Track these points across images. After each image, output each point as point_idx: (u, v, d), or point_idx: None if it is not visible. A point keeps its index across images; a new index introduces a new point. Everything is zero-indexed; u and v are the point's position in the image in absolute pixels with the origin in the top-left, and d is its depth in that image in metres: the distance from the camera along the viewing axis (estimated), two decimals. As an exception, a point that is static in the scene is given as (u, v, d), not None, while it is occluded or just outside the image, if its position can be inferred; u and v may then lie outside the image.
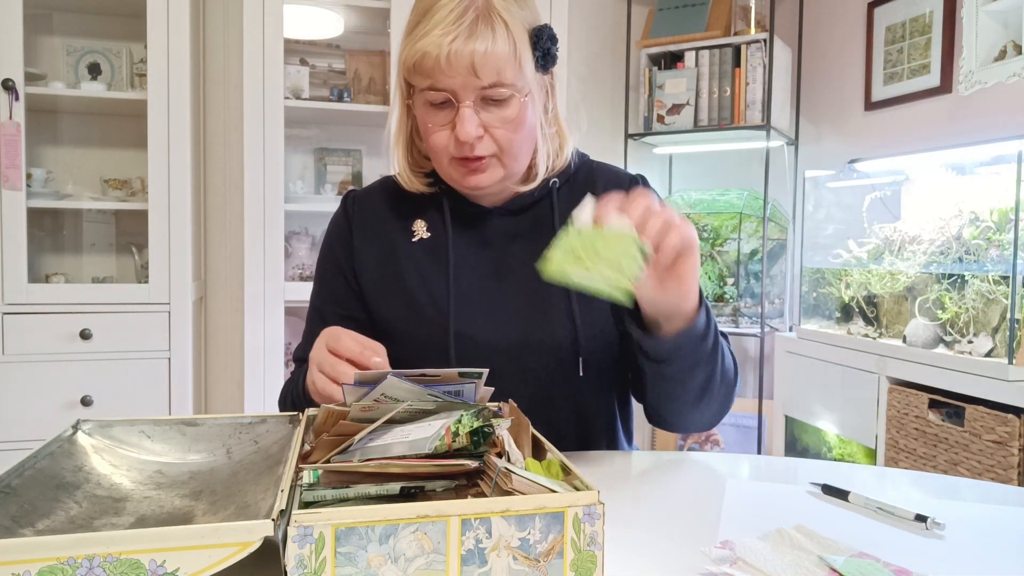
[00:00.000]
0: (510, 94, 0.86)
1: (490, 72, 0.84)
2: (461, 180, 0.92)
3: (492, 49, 0.83)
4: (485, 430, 0.58)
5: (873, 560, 0.61)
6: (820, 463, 0.93)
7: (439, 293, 0.95)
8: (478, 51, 0.82)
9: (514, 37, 0.85)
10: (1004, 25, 2.08)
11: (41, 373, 2.16)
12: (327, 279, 1.03)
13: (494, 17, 0.84)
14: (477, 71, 0.83)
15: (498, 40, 0.84)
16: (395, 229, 1.01)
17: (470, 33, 0.83)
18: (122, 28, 2.42)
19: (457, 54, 0.82)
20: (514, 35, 0.85)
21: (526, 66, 0.87)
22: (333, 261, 1.03)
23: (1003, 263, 1.78)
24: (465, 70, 0.83)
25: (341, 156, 2.66)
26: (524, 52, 0.86)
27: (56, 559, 0.43)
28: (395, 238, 1.00)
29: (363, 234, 1.01)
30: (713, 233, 2.75)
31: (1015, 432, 1.65)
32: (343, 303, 1.01)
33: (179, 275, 2.25)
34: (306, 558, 0.46)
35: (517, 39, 0.85)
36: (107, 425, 0.68)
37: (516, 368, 0.93)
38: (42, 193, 2.27)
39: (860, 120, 2.63)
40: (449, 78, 0.84)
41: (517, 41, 0.85)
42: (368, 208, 1.03)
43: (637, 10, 2.94)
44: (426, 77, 0.85)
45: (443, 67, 0.83)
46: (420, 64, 0.84)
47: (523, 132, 0.90)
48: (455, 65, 0.83)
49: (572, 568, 0.50)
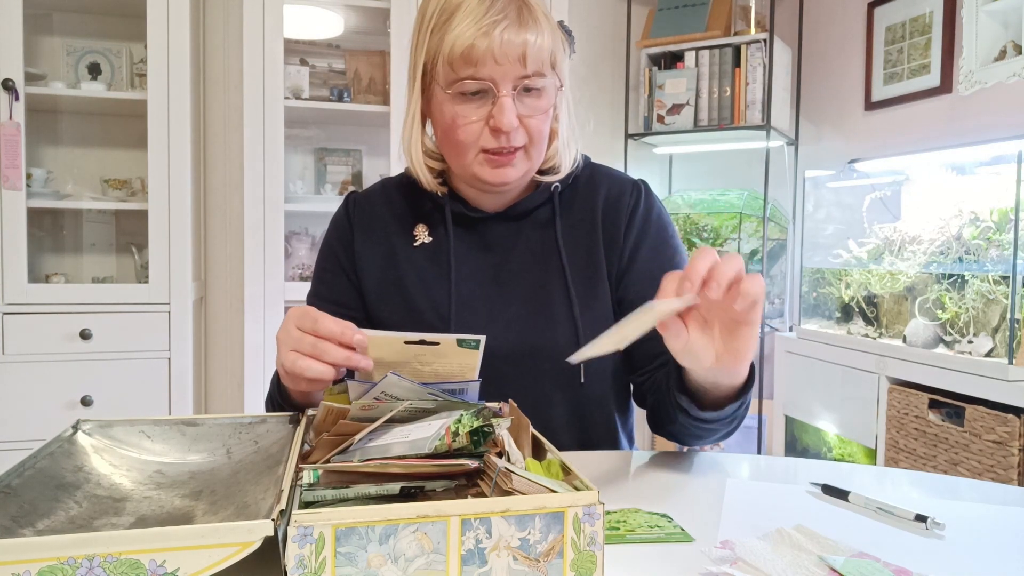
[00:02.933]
0: (547, 84, 0.87)
1: (536, 62, 0.84)
2: (489, 176, 0.90)
3: (541, 40, 0.84)
4: (485, 430, 0.58)
5: (873, 560, 0.61)
6: (820, 463, 0.93)
7: (440, 298, 0.95)
8: (530, 41, 0.83)
9: (553, 31, 0.86)
10: (1004, 25, 2.08)
11: (41, 373, 2.16)
12: (326, 278, 1.03)
13: (533, 7, 0.85)
14: (526, 60, 0.83)
15: (544, 31, 0.85)
16: (396, 233, 1.00)
17: (520, 23, 0.83)
18: (122, 28, 2.42)
19: (510, 43, 0.82)
20: (553, 29, 0.87)
21: (561, 60, 0.88)
22: (334, 260, 1.02)
23: (1003, 263, 1.78)
24: (515, 59, 0.83)
25: (341, 156, 2.66)
26: (558, 47, 0.88)
27: (56, 559, 0.43)
28: (396, 242, 0.99)
29: (365, 237, 1.01)
30: (713, 233, 2.75)
31: (1015, 432, 1.65)
32: (343, 302, 1.00)
33: (179, 275, 2.25)
34: (306, 558, 0.46)
35: (556, 34, 0.87)
36: (107, 425, 0.68)
37: (517, 374, 0.93)
38: (42, 193, 2.27)
39: (860, 120, 2.63)
40: (496, 67, 0.83)
41: (556, 36, 0.87)
42: (370, 211, 1.02)
43: (637, 10, 2.94)
44: (470, 66, 0.84)
45: (495, 55, 0.83)
46: (469, 52, 0.83)
47: (548, 123, 0.90)
48: (508, 54, 0.83)
49: (572, 568, 0.50)
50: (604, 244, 0.97)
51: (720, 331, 0.70)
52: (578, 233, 0.98)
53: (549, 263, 0.97)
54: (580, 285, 0.96)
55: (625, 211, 0.99)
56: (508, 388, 0.78)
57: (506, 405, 0.68)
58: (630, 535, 0.66)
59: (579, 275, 0.96)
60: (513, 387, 0.85)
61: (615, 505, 0.73)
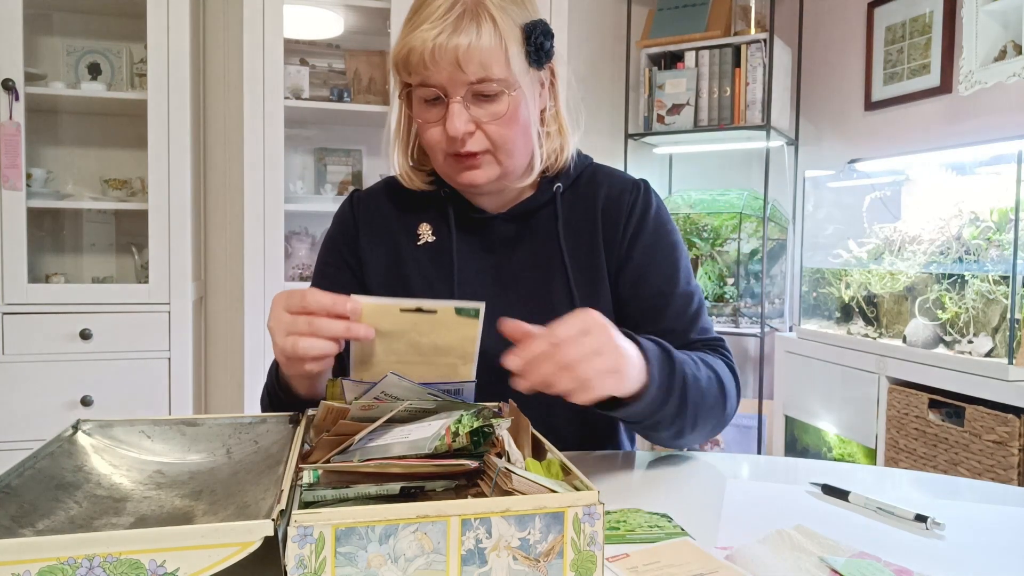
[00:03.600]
0: (499, 90, 0.86)
1: (475, 67, 0.83)
2: (456, 177, 0.91)
3: (476, 43, 0.83)
4: (485, 430, 0.58)
5: (873, 560, 0.61)
6: (820, 463, 0.93)
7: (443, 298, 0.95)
8: (461, 45, 0.82)
9: (501, 32, 0.84)
10: (1004, 25, 2.08)
11: (41, 373, 2.16)
12: (329, 273, 1.02)
13: (482, 13, 0.84)
14: (462, 65, 0.83)
15: (483, 35, 0.83)
16: (400, 231, 1.00)
17: (455, 28, 0.83)
18: (122, 28, 2.42)
19: (441, 48, 0.82)
20: (502, 30, 0.84)
21: (514, 62, 0.86)
22: (337, 255, 1.02)
23: (1003, 263, 1.78)
24: (450, 64, 0.83)
25: (341, 156, 2.66)
26: (512, 47, 0.85)
27: (56, 559, 0.43)
28: (400, 240, 1.00)
29: (369, 234, 1.01)
30: (713, 233, 2.75)
31: (1015, 432, 1.65)
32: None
33: (179, 275, 2.25)
34: (306, 558, 0.46)
35: (505, 34, 0.85)
36: (107, 425, 0.68)
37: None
38: (42, 193, 2.27)
39: (860, 120, 2.63)
40: (436, 73, 0.84)
41: (505, 36, 0.85)
42: (374, 209, 1.02)
43: (637, 10, 2.94)
44: (414, 73, 0.85)
45: (427, 62, 0.83)
46: (407, 60, 0.85)
47: (516, 128, 0.89)
48: (439, 60, 0.83)
49: (572, 568, 0.50)
50: (604, 243, 0.97)
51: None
52: (580, 233, 0.98)
53: (551, 264, 0.97)
54: (582, 285, 0.96)
55: (625, 209, 0.99)
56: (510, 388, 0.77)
57: (506, 405, 0.68)
58: (630, 535, 0.66)
59: (581, 275, 0.96)
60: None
61: (615, 505, 0.73)
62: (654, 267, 0.97)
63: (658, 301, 0.96)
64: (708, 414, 0.88)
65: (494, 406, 0.69)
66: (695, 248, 2.76)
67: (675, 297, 0.97)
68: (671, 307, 0.96)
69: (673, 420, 0.83)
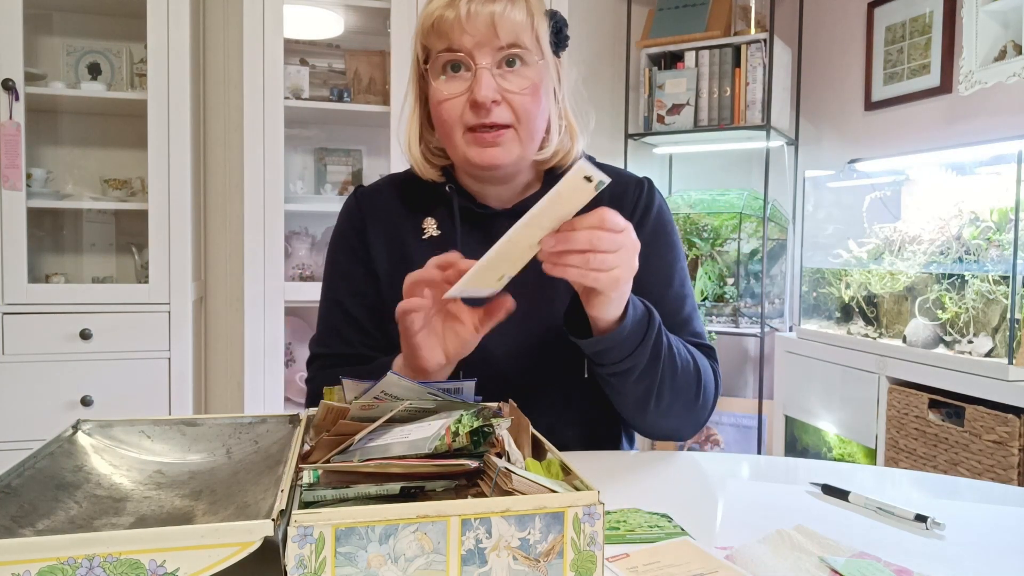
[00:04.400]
0: (528, 58, 0.86)
1: (508, 33, 0.84)
2: (477, 156, 0.88)
3: (511, 12, 0.84)
4: (485, 430, 0.58)
5: (873, 560, 0.61)
6: (820, 463, 0.93)
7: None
8: (496, 10, 0.83)
9: (532, 8, 0.86)
10: (1004, 25, 2.08)
11: (41, 373, 2.16)
12: (343, 270, 1.01)
13: None
14: (496, 29, 0.83)
15: (517, 6, 0.85)
16: (405, 225, 1.00)
17: None
18: (122, 28, 2.42)
19: (476, 12, 0.83)
20: (532, 6, 0.86)
21: (543, 38, 0.87)
22: (349, 251, 1.01)
23: (1003, 263, 1.78)
24: (484, 27, 0.83)
25: (341, 156, 2.66)
26: (541, 24, 0.87)
27: (56, 559, 0.43)
28: (405, 234, 0.99)
29: (376, 228, 1.00)
30: (713, 233, 2.75)
31: (1015, 432, 1.65)
32: (363, 292, 0.99)
33: (179, 275, 2.25)
34: (306, 558, 0.46)
35: (535, 11, 0.86)
36: (107, 425, 0.68)
37: (522, 372, 0.92)
38: (42, 193, 2.27)
39: (860, 120, 2.63)
40: (468, 37, 0.84)
41: (535, 12, 0.86)
42: (379, 203, 1.02)
43: (637, 10, 2.94)
44: (443, 38, 0.85)
45: (463, 23, 0.83)
46: (439, 24, 0.84)
47: (539, 104, 0.88)
48: (474, 22, 0.83)
49: (572, 568, 0.50)
50: None
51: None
52: None
53: None
54: None
55: (628, 206, 0.99)
56: (513, 386, 0.78)
57: (506, 405, 0.68)
58: (630, 535, 0.66)
59: None
60: (518, 385, 0.85)
61: (615, 505, 0.73)
62: (649, 266, 0.97)
63: (648, 300, 0.96)
64: (680, 391, 0.88)
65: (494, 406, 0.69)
66: (695, 248, 2.76)
67: (667, 298, 0.96)
68: (662, 307, 0.96)
69: (644, 374, 0.85)
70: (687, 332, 0.97)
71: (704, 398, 0.93)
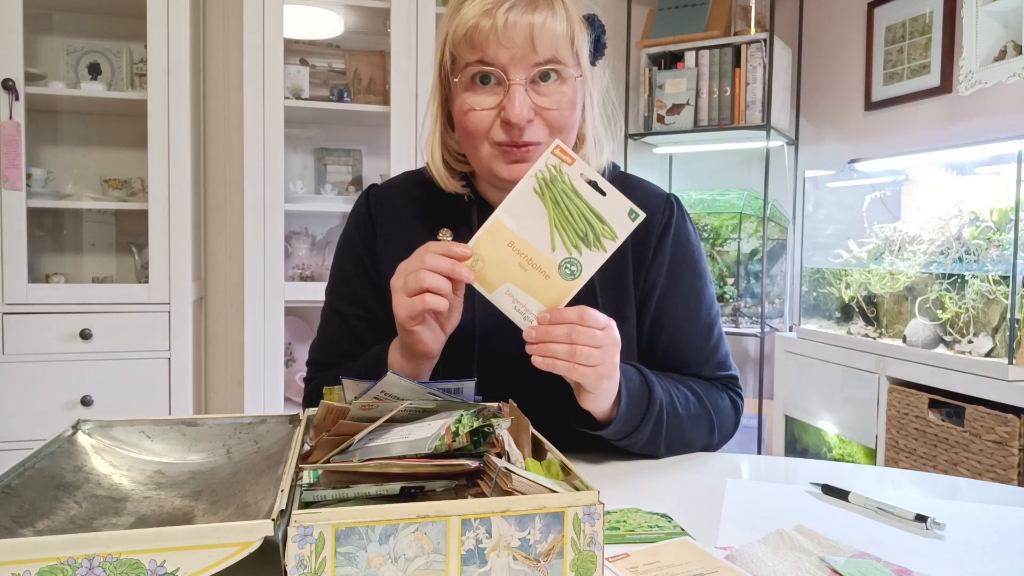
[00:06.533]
0: (566, 73, 0.82)
1: (548, 47, 0.80)
2: (505, 172, 0.84)
3: (551, 24, 0.80)
4: (485, 430, 0.58)
5: (873, 560, 0.61)
6: (820, 463, 0.93)
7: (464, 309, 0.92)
8: (536, 23, 0.79)
9: (571, 19, 0.82)
10: (1004, 25, 2.08)
11: (41, 373, 2.16)
12: (348, 279, 0.99)
13: None
14: (535, 43, 0.79)
15: (557, 16, 0.81)
16: (419, 234, 0.95)
17: (530, 4, 0.80)
18: (122, 28, 2.42)
19: (515, 23, 0.78)
20: (571, 16, 0.82)
21: (583, 51, 0.84)
22: (356, 261, 0.98)
23: (1003, 263, 1.78)
24: (522, 41, 0.79)
25: (341, 156, 2.66)
26: (580, 35, 0.84)
27: (56, 559, 0.43)
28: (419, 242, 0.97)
29: (387, 236, 0.97)
30: (713, 233, 2.75)
31: (1015, 432, 1.65)
32: (365, 304, 0.97)
33: (179, 275, 2.25)
34: (306, 558, 0.46)
35: (574, 22, 0.83)
36: (107, 425, 0.68)
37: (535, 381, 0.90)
38: (42, 193, 2.27)
39: (860, 120, 2.63)
40: (504, 50, 0.79)
41: (574, 24, 0.83)
42: (392, 209, 0.98)
43: (637, 10, 2.94)
44: (476, 50, 0.80)
45: (499, 37, 0.79)
46: (473, 34, 0.80)
47: (574, 119, 0.86)
48: (512, 35, 0.79)
49: (572, 568, 0.50)
50: (633, 263, 0.94)
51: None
52: None
53: None
54: (608, 304, 0.92)
55: (656, 230, 0.95)
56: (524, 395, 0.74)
57: (506, 405, 0.68)
58: (630, 535, 0.66)
59: (607, 294, 0.93)
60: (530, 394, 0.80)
61: (615, 505, 0.73)
62: (674, 297, 0.95)
63: (677, 333, 0.95)
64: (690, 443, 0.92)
65: (494, 406, 0.69)
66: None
67: (694, 332, 0.95)
68: (691, 341, 0.95)
69: (647, 445, 0.88)
70: (712, 364, 0.96)
71: (719, 436, 0.94)
